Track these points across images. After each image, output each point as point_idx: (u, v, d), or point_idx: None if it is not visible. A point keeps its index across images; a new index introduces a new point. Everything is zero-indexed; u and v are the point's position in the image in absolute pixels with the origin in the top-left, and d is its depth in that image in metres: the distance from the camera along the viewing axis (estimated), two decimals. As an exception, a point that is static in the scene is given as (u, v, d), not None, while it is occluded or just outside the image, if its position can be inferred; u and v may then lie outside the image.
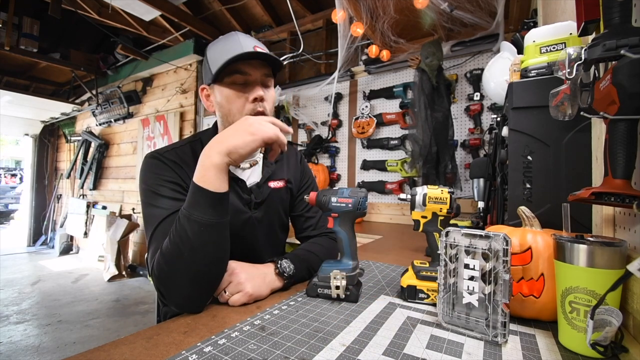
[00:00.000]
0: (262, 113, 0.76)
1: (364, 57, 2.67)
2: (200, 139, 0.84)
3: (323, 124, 2.97)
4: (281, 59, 3.02)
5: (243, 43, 0.74)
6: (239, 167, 0.83)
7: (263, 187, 0.87)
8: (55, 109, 5.13)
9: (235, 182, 0.83)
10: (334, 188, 0.70)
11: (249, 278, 0.65)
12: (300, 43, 2.69)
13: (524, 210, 0.64)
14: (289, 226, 1.01)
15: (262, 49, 0.75)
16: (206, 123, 3.77)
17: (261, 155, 0.90)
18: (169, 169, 0.75)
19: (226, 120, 0.79)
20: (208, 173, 0.60)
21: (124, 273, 3.83)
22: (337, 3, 2.08)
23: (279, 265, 0.71)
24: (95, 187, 4.82)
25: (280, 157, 0.93)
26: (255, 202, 0.85)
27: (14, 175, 8.73)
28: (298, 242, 1.00)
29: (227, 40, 0.77)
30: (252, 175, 0.88)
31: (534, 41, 0.79)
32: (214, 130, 0.86)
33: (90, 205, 4.77)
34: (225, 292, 0.63)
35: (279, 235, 0.96)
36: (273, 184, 0.89)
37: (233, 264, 0.67)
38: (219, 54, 0.74)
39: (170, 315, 0.89)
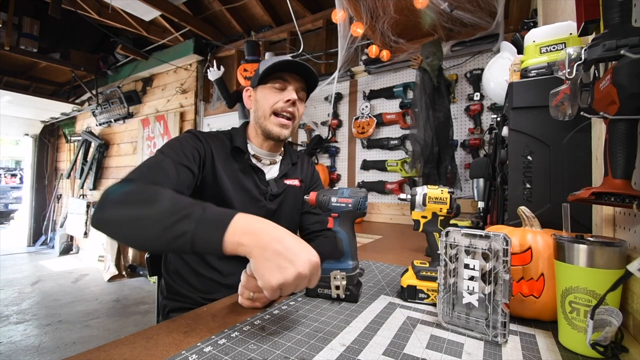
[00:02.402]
0: (292, 114, 0.89)
1: (364, 57, 2.67)
2: (230, 133, 0.94)
3: (323, 124, 2.97)
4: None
5: (291, 60, 0.88)
6: (260, 161, 0.94)
7: (279, 182, 0.95)
8: (55, 109, 5.13)
9: (255, 171, 0.91)
10: (334, 188, 0.70)
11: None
12: (300, 43, 2.69)
13: (524, 210, 0.64)
14: (299, 225, 1.07)
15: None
16: (206, 123, 3.78)
17: (280, 156, 0.99)
18: (198, 140, 0.85)
19: (257, 116, 0.91)
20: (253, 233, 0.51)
21: (124, 273, 3.83)
22: (337, 3, 2.08)
23: None
24: (95, 187, 4.82)
25: (296, 159, 1.03)
26: (271, 194, 0.92)
27: (14, 175, 8.72)
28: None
29: (279, 57, 0.91)
30: (270, 171, 0.96)
31: (534, 41, 0.79)
32: (243, 129, 0.96)
33: (91, 205, 4.75)
34: (252, 294, 0.60)
35: (289, 229, 0.99)
36: (289, 182, 0.97)
37: None
38: (268, 63, 0.87)
39: (170, 309, 0.89)
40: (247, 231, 0.51)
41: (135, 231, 0.56)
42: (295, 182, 0.99)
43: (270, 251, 0.50)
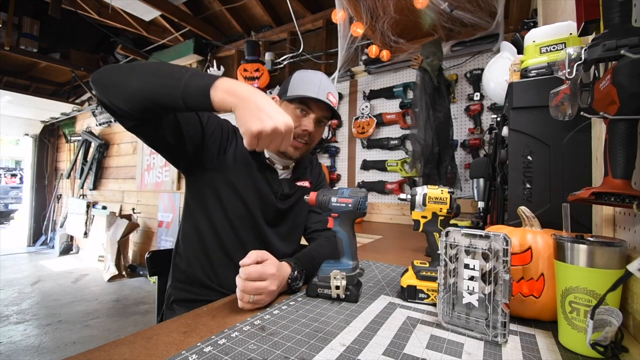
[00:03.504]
0: (306, 143, 0.91)
1: (364, 57, 2.67)
2: None
3: (323, 124, 2.96)
4: (281, 59, 3.04)
5: (321, 86, 0.88)
6: (273, 164, 0.96)
7: (291, 184, 0.98)
8: (55, 109, 5.13)
9: (268, 170, 0.93)
10: (334, 188, 0.70)
11: (275, 291, 0.65)
12: (300, 43, 2.69)
13: (524, 210, 0.64)
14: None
15: (334, 96, 0.91)
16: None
17: (293, 162, 1.01)
18: (229, 127, 0.92)
19: None
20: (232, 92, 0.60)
21: (124, 273, 3.83)
22: (337, 3, 2.08)
23: (291, 276, 0.69)
24: (95, 187, 4.82)
25: (308, 164, 1.06)
26: (283, 193, 0.94)
27: (14, 175, 8.72)
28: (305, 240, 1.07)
29: (313, 75, 0.91)
30: (283, 175, 0.99)
31: (534, 41, 0.79)
32: None
33: (90, 205, 4.76)
34: (251, 298, 0.60)
35: (297, 232, 1.03)
36: (300, 183, 1.01)
37: (271, 269, 0.64)
38: (301, 83, 0.89)
39: (174, 299, 0.89)
40: (236, 87, 0.60)
41: (136, 74, 0.64)
42: (306, 184, 1.02)
43: (254, 104, 0.58)
